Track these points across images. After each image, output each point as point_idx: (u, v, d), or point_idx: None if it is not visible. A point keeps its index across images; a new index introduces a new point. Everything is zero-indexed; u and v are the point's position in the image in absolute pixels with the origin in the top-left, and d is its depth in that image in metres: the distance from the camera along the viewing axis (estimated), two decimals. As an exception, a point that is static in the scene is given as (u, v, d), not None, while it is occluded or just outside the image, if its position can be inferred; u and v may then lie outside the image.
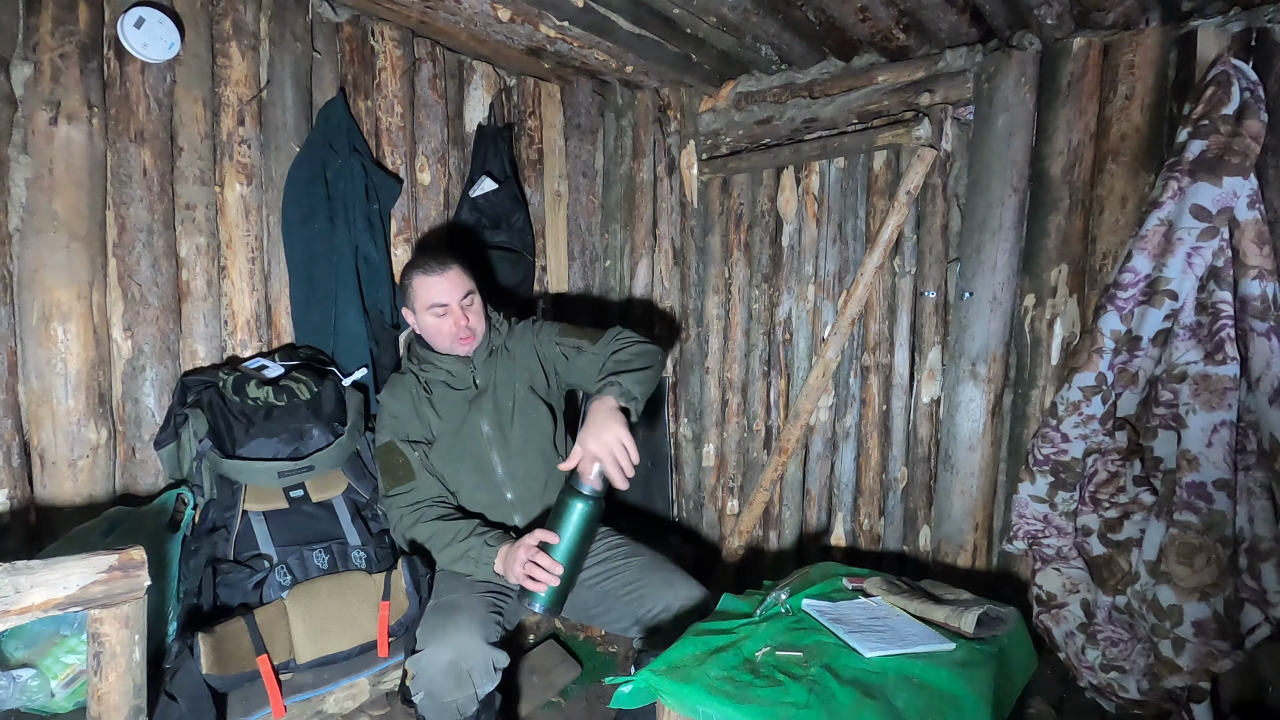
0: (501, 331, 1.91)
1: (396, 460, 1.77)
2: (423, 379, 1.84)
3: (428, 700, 1.45)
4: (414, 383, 1.84)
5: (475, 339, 1.82)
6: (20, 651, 1.36)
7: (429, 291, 1.77)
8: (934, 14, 1.93)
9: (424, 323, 1.81)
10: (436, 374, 1.84)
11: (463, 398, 1.83)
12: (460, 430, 1.80)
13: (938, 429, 2.22)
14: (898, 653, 1.31)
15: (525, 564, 1.46)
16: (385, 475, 1.78)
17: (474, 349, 1.83)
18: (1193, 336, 1.69)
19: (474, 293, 1.83)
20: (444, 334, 1.79)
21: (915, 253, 2.22)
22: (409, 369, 1.88)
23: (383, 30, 2.20)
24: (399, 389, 1.85)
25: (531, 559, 1.45)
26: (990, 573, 2.13)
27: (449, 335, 1.79)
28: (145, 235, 1.79)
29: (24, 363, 1.66)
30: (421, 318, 1.81)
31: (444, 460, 1.79)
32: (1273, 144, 1.65)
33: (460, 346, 1.81)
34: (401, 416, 1.81)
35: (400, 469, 1.76)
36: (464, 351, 1.82)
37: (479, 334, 1.83)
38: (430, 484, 1.77)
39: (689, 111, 2.62)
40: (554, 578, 1.43)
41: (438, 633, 1.47)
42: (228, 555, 1.62)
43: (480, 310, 1.85)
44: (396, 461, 1.77)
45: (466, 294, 1.80)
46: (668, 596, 1.61)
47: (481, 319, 1.84)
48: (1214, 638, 1.61)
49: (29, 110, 1.63)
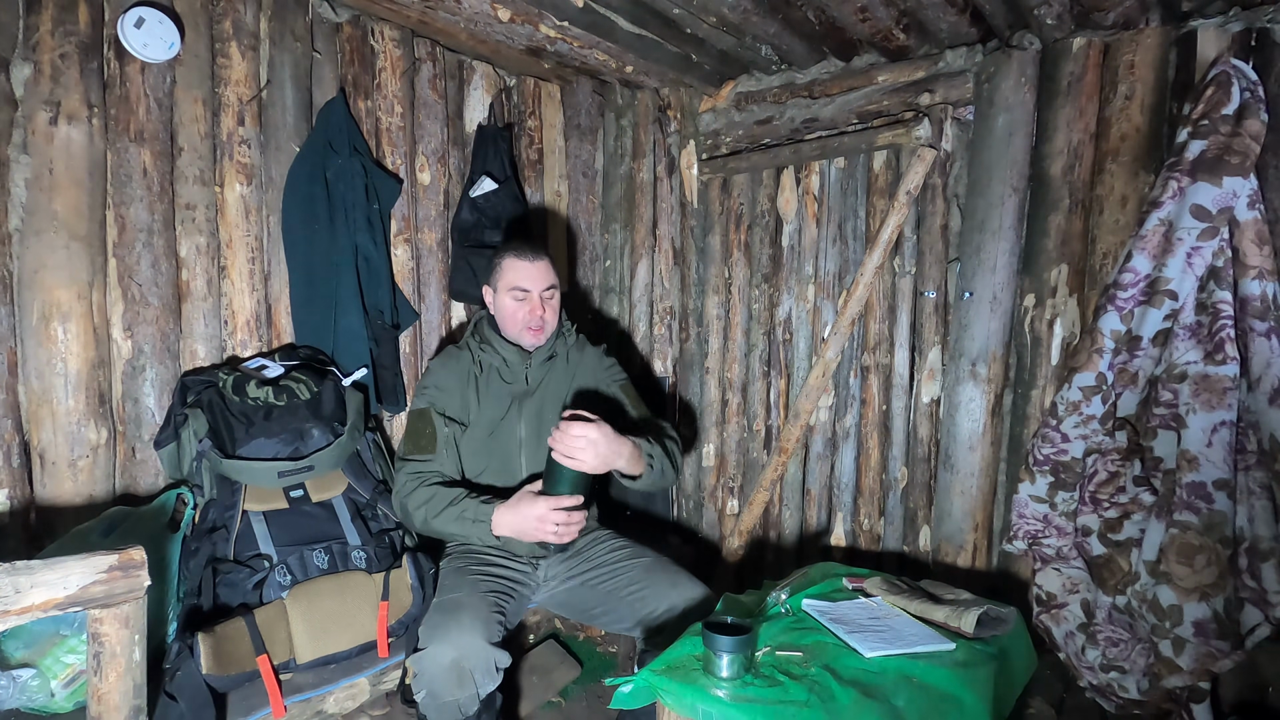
0: (568, 340, 1.92)
1: (425, 429, 1.78)
2: (478, 358, 1.85)
3: (429, 699, 1.45)
4: (469, 360, 1.86)
5: (545, 333, 1.84)
6: (20, 651, 1.36)
7: (516, 274, 1.80)
8: (934, 14, 1.93)
9: (502, 303, 1.83)
10: (493, 358, 1.85)
11: (509, 391, 1.84)
12: (498, 424, 1.81)
13: (938, 429, 2.22)
14: (898, 653, 1.31)
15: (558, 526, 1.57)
16: (408, 439, 1.78)
17: (540, 344, 1.85)
18: (1193, 336, 1.69)
19: (556, 288, 1.86)
20: (518, 319, 1.81)
21: (915, 253, 2.22)
22: (468, 345, 1.89)
23: (383, 30, 2.20)
24: (453, 362, 1.86)
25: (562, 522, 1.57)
26: (990, 573, 2.13)
27: (522, 322, 1.81)
28: (145, 235, 1.79)
29: (24, 363, 1.66)
30: (501, 298, 1.82)
31: (472, 449, 1.81)
32: (1273, 144, 1.65)
33: (528, 336, 1.83)
34: (446, 389, 1.82)
35: (425, 438, 1.77)
36: (530, 342, 1.84)
37: (549, 329, 1.85)
38: (447, 462, 1.77)
39: (689, 111, 2.62)
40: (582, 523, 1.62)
41: (440, 631, 1.47)
42: (228, 555, 1.62)
43: (557, 307, 1.88)
44: (424, 430, 1.78)
45: (549, 286, 1.84)
46: (672, 597, 1.62)
47: (556, 317, 1.87)
48: (1214, 638, 1.61)
49: (29, 110, 1.63)
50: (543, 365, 1.87)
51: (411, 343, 2.36)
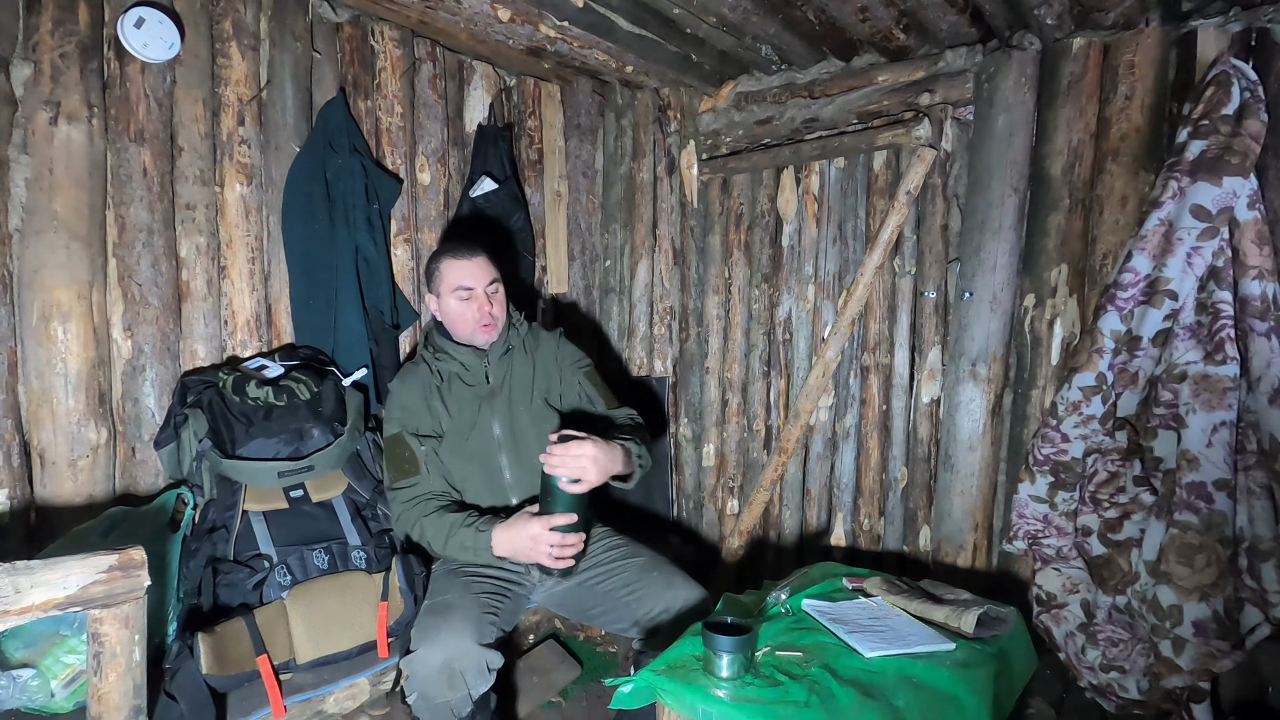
0: (520, 331, 1.91)
1: (403, 453, 1.76)
2: (435, 368, 1.83)
3: (421, 701, 1.45)
4: (426, 373, 1.84)
5: (496, 328, 1.83)
6: (20, 651, 1.36)
7: (455, 274, 1.79)
8: (934, 14, 1.93)
9: (447, 307, 1.81)
10: (450, 365, 1.83)
11: (474, 394, 1.82)
12: (471, 429, 1.80)
13: (938, 429, 2.22)
14: (898, 653, 1.31)
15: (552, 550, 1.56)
16: (390, 467, 1.77)
17: (493, 340, 1.83)
18: (1193, 336, 1.69)
19: (499, 282, 1.85)
20: (466, 320, 1.80)
21: (915, 253, 2.22)
22: (423, 358, 1.87)
23: (383, 30, 2.20)
24: (411, 379, 1.84)
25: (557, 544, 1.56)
26: (990, 573, 2.13)
27: (471, 321, 1.79)
28: (145, 235, 1.79)
29: (24, 363, 1.66)
30: (445, 301, 1.81)
31: (452, 457, 1.79)
32: (1273, 144, 1.65)
33: (480, 334, 1.81)
34: (411, 408, 1.80)
35: (406, 462, 1.75)
36: (483, 340, 1.82)
37: (499, 324, 1.84)
38: (434, 479, 1.76)
39: (689, 111, 2.62)
40: (578, 547, 1.60)
41: (431, 633, 1.47)
42: (228, 555, 1.62)
43: (503, 301, 1.86)
44: (403, 455, 1.76)
45: (492, 281, 1.82)
46: (668, 597, 1.61)
47: (504, 310, 1.86)
48: (1214, 638, 1.61)
49: (29, 110, 1.63)
50: (501, 361, 1.85)
51: (411, 343, 2.36)
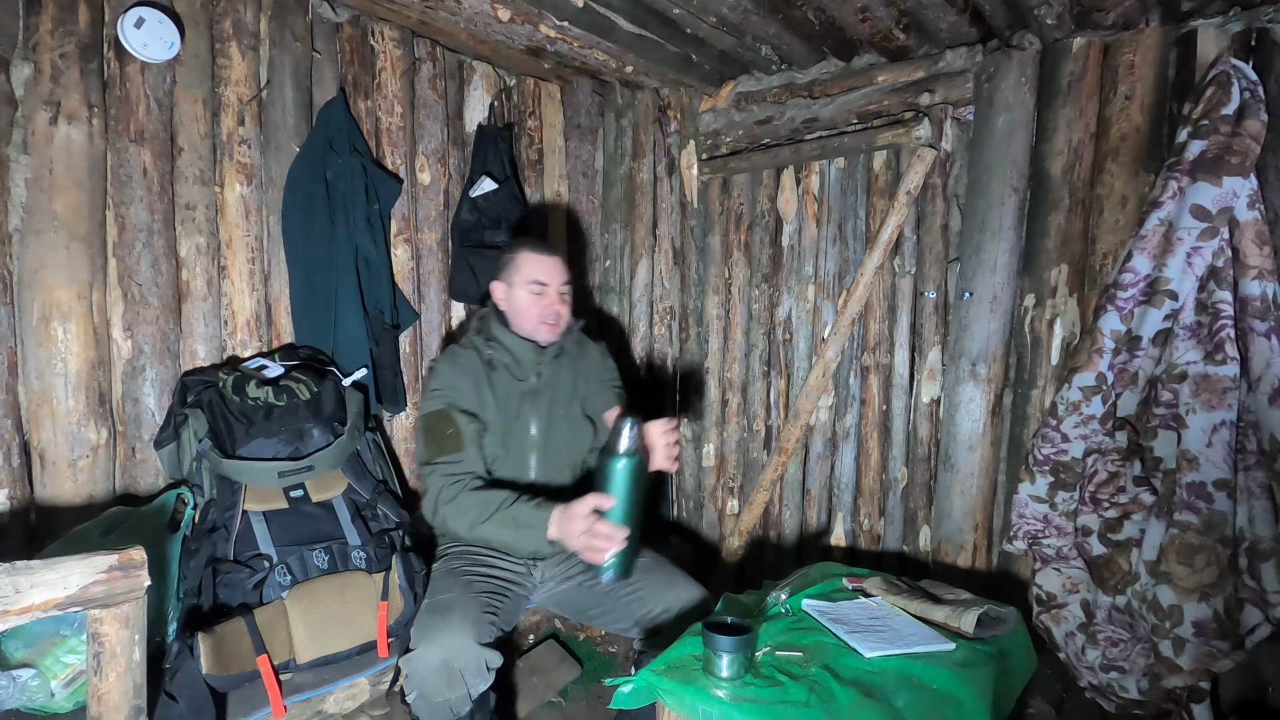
0: (573, 334, 1.90)
1: (445, 429, 1.70)
2: (486, 356, 1.81)
3: (420, 700, 1.45)
4: (476, 359, 1.81)
5: (560, 328, 1.83)
6: (20, 651, 1.36)
7: (534, 267, 1.79)
8: (934, 14, 1.93)
9: (517, 297, 1.80)
10: (502, 355, 1.81)
11: (519, 389, 1.81)
12: (511, 424, 1.79)
13: (938, 429, 2.22)
14: (898, 653, 1.31)
15: (585, 534, 1.41)
16: (430, 443, 1.70)
17: (554, 340, 1.83)
18: (1193, 336, 1.69)
19: (571, 285, 1.86)
20: (533, 314, 1.79)
21: (915, 253, 2.22)
22: (473, 344, 1.84)
23: (383, 30, 2.20)
24: (462, 361, 1.80)
25: (591, 529, 1.41)
26: (990, 573, 2.13)
27: (537, 316, 1.79)
28: (145, 235, 1.79)
29: (24, 363, 1.66)
30: (516, 291, 1.80)
31: (488, 448, 1.77)
32: (1273, 144, 1.64)
33: (544, 330, 1.81)
34: (460, 388, 1.77)
35: (449, 439, 1.69)
36: (545, 337, 1.82)
37: (564, 324, 1.85)
38: (476, 459, 1.71)
39: (689, 111, 2.62)
40: (618, 543, 1.41)
41: (430, 632, 1.47)
42: (228, 555, 1.62)
43: (570, 304, 1.87)
44: (445, 430, 1.70)
45: (566, 282, 1.84)
46: (668, 598, 1.61)
47: (569, 313, 1.86)
48: (1214, 638, 1.61)
49: (29, 110, 1.63)
50: (551, 362, 1.85)
51: (411, 343, 2.36)
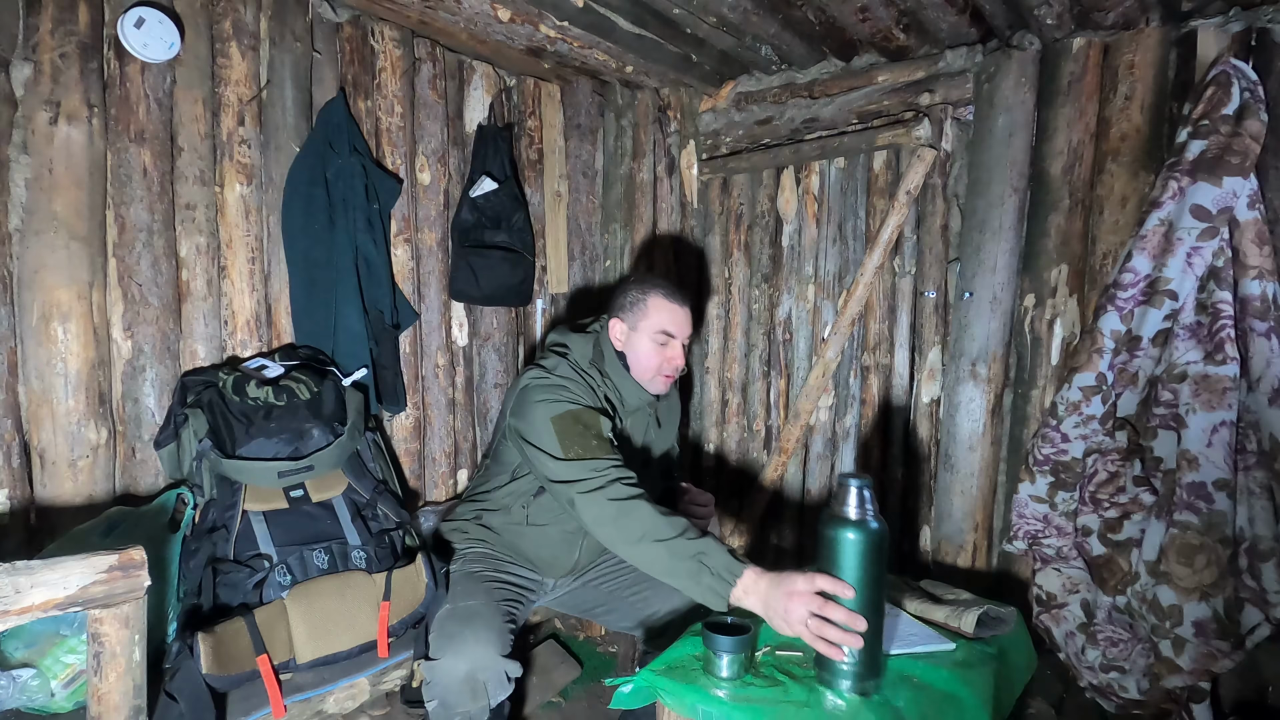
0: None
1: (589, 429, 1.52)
2: (600, 392, 1.68)
3: (441, 709, 1.44)
4: (596, 389, 1.67)
5: (674, 381, 1.76)
6: (20, 651, 1.36)
7: (665, 317, 1.68)
8: (934, 14, 1.93)
9: (639, 344, 1.69)
10: (613, 394, 1.71)
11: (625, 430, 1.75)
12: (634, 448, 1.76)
13: (938, 429, 2.22)
14: (898, 653, 1.31)
15: (814, 621, 1.14)
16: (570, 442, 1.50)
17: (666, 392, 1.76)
18: (1193, 336, 1.69)
19: (692, 338, 1.78)
20: (653, 364, 1.69)
21: (915, 253, 2.22)
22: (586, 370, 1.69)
23: (383, 30, 2.20)
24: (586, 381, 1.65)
25: (821, 614, 1.13)
26: (990, 573, 2.13)
27: (655, 367, 1.69)
28: (145, 235, 1.79)
29: (24, 363, 1.66)
30: (641, 338, 1.68)
31: None
32: (1273, 144, 1.65)
33: (659, 383, 1.71)
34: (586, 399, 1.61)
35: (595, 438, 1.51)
36: (659, 389, 1.72)
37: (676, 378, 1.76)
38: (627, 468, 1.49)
39: (689, 111, 2.62)
40: (854, 638, 1.12)
41: (455, 643, 1.46)
42: (228, 555, 1.61)
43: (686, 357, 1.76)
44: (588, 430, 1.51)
45: (689, 337, 1.74)
46: (674, 598, 1.62)
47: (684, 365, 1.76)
48: (1214, 638, 1.61)
49: (29, 110, 1.63)
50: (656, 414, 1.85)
51: (411, 343, 2.36)
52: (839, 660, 1.13)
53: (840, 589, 1.13)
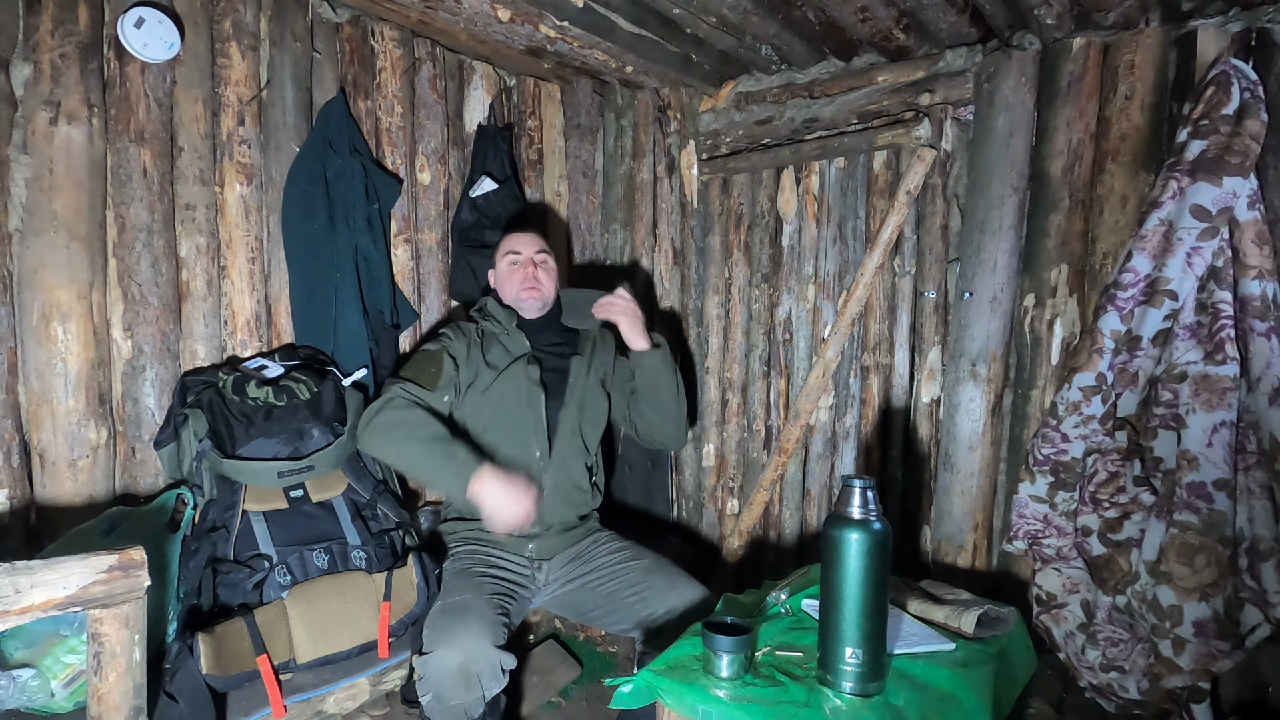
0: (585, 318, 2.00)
1: (430, 367, 1.82)
2: (480, 327, 1.95)
3: (435, 702, 1.45)
4: (473, 329, 1.94)
5: (540, 294, 1.92)
6: (20, 651, 1.36)
7: (509, 241, 1.99)
8: (934, 14, 1.93)
9: (499, 271, 1.99)
10: (493, 326, 1.94)
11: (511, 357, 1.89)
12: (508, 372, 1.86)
13: (938, 429, 2.21)
14: (898, 653, 1.31)
15: (509, 506, 1.58)
16: (407, 368, 1.84)
17: (538, 309, 1.94)
18: (1193, 336, 1.69)
19: (550, 255, 2.00)
20: (513, 282, 1.94)
21: (915, 253, 2.22)
22: (471, 316, 2.00)
23: (383, 30, 2.20)
24: (461, 329, 1.93)
25: (521, 504, 1.61)
26: (990, 573, 2.13)
27: (516, 284, 1.93)
28: (145, 235, 1.79)
29: (24, 363, 1.66)
30: (499, 265, 1.99)
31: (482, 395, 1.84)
32: (1273, 144, 1.64)
33: (525, 297, 1.92)
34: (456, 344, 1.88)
35: (426, 375, 1.81)
36: (528, 303, 1.93)
37: (545, 292, 1.94)
38: (441, 404, 1.81)
39: (689, 111, 2.62)
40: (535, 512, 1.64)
41: (447, 635, 1.47)
42: (228, 555, 1.62)
43: (552, 273, 1.97)
44: (428, 368, 1.82)
45: (541, 250, 1.98)
46: (671, 599, 1.62)
47: (553, 283, 1.97)
48: (1214, 638, 1.61)
49: (29, 110, 1.63)
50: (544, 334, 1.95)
51: (411, 343, 2.36)
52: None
53: None
